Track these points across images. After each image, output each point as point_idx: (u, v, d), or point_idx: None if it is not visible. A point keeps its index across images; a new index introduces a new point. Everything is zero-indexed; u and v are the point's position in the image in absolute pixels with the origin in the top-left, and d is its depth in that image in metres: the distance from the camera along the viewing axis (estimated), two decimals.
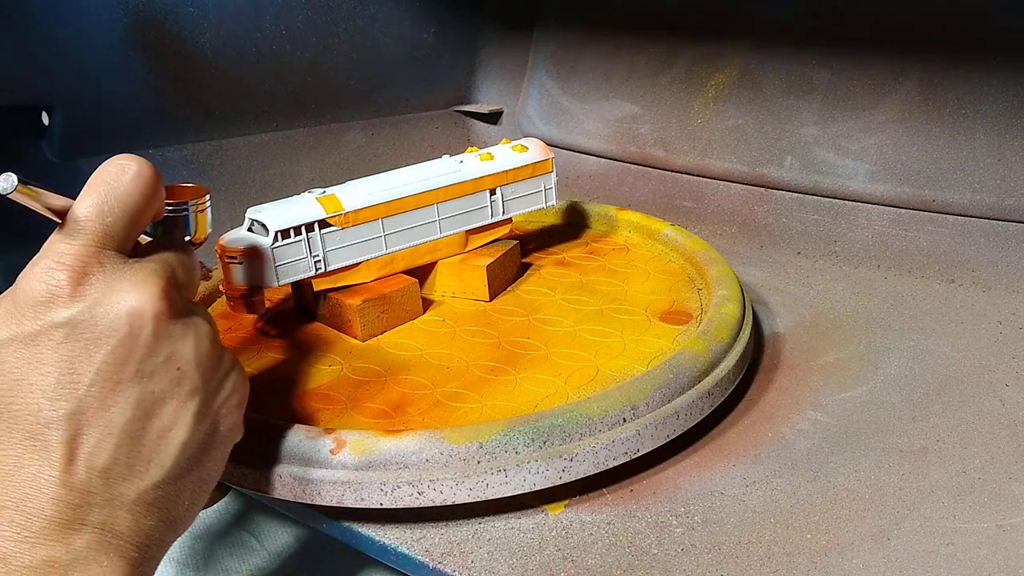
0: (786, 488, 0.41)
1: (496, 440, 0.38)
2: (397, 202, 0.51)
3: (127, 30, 0.65)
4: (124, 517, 0.29)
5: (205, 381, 0.32)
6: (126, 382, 0.29)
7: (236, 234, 0.48)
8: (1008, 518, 0.38)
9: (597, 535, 0.38)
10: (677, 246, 0.61)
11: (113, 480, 0.29)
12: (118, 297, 0.30)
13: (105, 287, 0.29)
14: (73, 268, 0.29)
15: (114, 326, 0.29)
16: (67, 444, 0.28)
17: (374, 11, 0.82)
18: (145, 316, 0.30)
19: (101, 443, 0.29)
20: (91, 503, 0.28)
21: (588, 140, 0.84)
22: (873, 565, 0.36)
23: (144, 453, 0.30)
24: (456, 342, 0.50)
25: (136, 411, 0.30)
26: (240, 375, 0.35)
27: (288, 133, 0.79)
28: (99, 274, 0.30)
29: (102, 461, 0.29)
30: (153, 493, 0.30)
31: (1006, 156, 0.60)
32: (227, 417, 0.34)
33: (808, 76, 0.70)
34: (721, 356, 0.46)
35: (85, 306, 0.29)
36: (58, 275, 0.29)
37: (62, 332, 0.29)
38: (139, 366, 0.30)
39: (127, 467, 0.29)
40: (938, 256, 0.63)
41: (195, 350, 0.32)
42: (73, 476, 0.28)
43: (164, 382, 0.31)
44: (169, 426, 0.31)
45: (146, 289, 0.30)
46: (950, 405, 0.47)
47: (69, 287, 0.29)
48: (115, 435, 0.29)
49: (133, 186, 0.31)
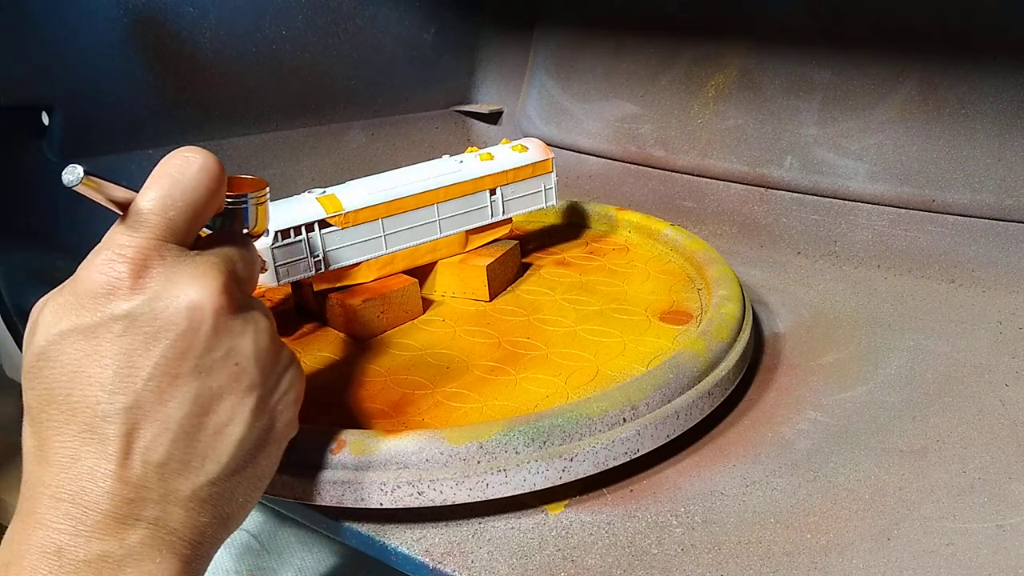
0: (786, 488, 0.41)
1: (496, 440, 0.38)
2: (397, 202, 0.51)
3: (127, 30, 0.65)
4: (178, 513, 0.29)
5: (263, 377, 0.32)
6: (184, 377, 0.29)
7: None
8: (1008, 518, 0.38)
9: (597, 535, 0.38)
10: (677, 246, 0.61)
11: (168, 476, 0.29)
12: (178, 291, 0.29)
13: (166, 280, 0.29)
14: (134, 261, 0.29)
15: (174, 320, 0.29)
16: (124, 438, 0.28)
17: (374, 11, 0.82)
18: (205, 311, 0.29)
19: (158, 438, 0.29)
20: (146, 498, 0.28)
21: (588, 140, 0.84)
22: (873, 565, 0.36)
23: (200, 449, 0.30)
24: (456, 342, 0.50)
25: (194, 406, 0.29)
26: (297, 371, 0.35)
27: (288, 133, 0.79)
28: (160, 267, 0.29)
29: (158, 456, 0.28)
30: (208, 490, 0.30)
31: (1006, 156, 0.60)
32: (284, 413, 0.34)
33: (808, 76, 0.70)
34: (721, 356, 0.46)
35: (145, 299, 0.29)
36: (119, 267, 0.29)
37: (121, 325, 0.28)
38: (198, 361, 0.29)
39: (183, 463, 0.29)
40: (938, 256, 0.63)
41: (254, 346, 0.31)
42: (129, 471, 0.28)
43: (222, 378, 0.30)
44: (226, 422, 0.30)
45: (206, 283, 0.30)
46: (950, 405, 0.47)
47: (130, 279, 0.29)
48: (172, 430, 0.29)
49: (198, 179, 0.31)
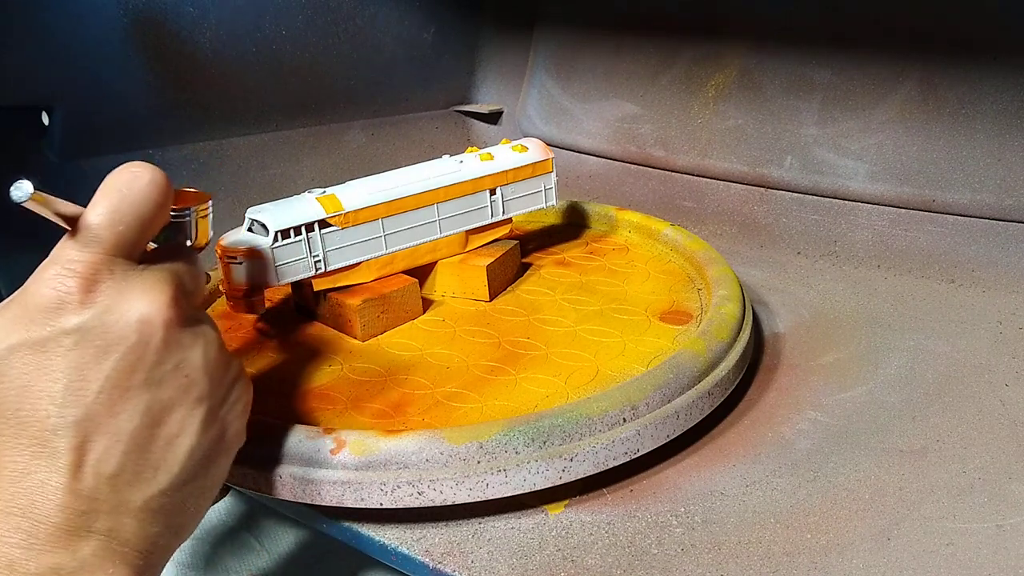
0: (786, 488, 0.41)
1: (496, 440, 0.38)
2: (397, 202, 0.51)
3: (127, 30, 0.65)
4: (130, 524, 0.29)
5: (213, 388, 0.32)
6: (135, 389, 0.29)
7: (236, 234, 0.48)
8: (1008, 518, 0.38)
9: (597, 535, 0.38)
10: (677, 246, 0.61)
11: (120, 487, 0.29)
12: (128, 305, 0.30)
13: (116, 294, 0.29)
14: (83, 275, 0.29)
15: (124, 333, 0.29)
16: (75, 451, 0.28)
17: (374, 11, 0.82)
18: (155, 324, 0.30)
19: (109, 450, 0.29)
20: (98, 510, 0.28)
21: (588, 140, 0.84)
22: (873, 565, 0.36)
23: (152, 460, 0.30)
24: (456, 342, 0.50)
25: (144, 418, 0.30)
26: (245, 381, 0.35)
27: (288, 133, 0.79)
28: (109, 281, 0.30)
29: (110, 468, 0.29)
30: (159, 500, 0.30)
31: (1006, 156, 0.60)
32: (233, 423, 0.34)
33: (808, 76, 0.70)
34: (721, 356, 0.46)
35: (95, 313, 0.29)
36: (68, 282, 0.29)
37: (72, 339, 0.29)
38: (148, 373, 0.30)
39: (135, 474, 0.29)
40: (938, 256, 0.63)
41: (203, 357, 0.32)
42: (80, 483, 0.28)
43: (172, 389, 0.31)
44: (177, 433, 0.31)
45: (156, 297, 0.30)
46: (950, 405, 0.47)
47: (79, 294, 0.29)
48: (123, 442, 0.29)
49: (146, 194, 0.31)
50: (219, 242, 0.47)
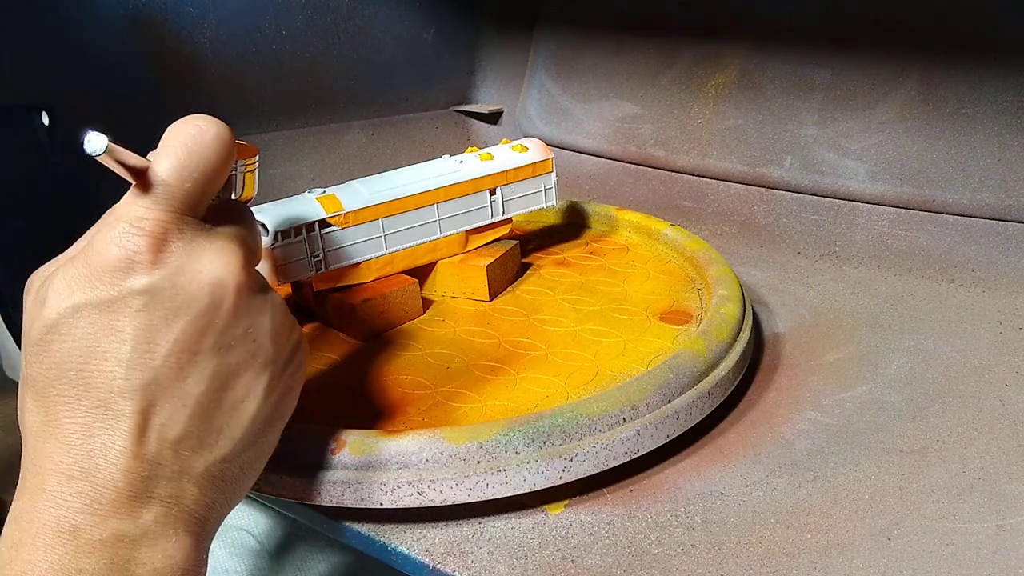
0: (786, 488, 0.41)
1: (496, 440, 0.38)
2: (397, 202, 0.51)
3: (127, 30, 0.65)
4: (191, 490, 0.29)
5: (277, 354, 0.32)
6: (204, 353, 0.29)
7: None
8: (1008, 518, 0.38)
9: (597, 535, 0.38)
10: (677, 246, 0.61)
11: (183, 453, 0.28)
12: (200, 266, 0.29)
13: (186, 255, 0.29)
14: (153, 234, 0.28)
15: (196, 296, 0.29)
16: (140, 415, 0.27)
17: (374, 11, 0.82)
18: (227, 287, 0.29)
19: (175, 415, 0.28)
20: (160, 476, 0.28)
21: (588, 140, 0.84)
22: (873, 565, 0.36)
23: (216, 426, 0.30)
24: (456, 342, 0.50)
25: (212, 383, 0.29)
26: (306, 349, 0.35)
27: (288, 133, 0.79)
28: (179, 241, 0.29)
29: (175, 433, 0.28)
30: (220, 466, 0.30)
31: (1006, 156, 0.60)
32: (292, 390, 0.34)
33: (808, 76, 0.70)
34: (721, 356, 0.46)
35: (166, 274, 0.28)
36: (138, 240, 0.28)
37: (141, 300, 0.28)
38: (218, 338, 0.29)
39: (198, 440, 0.29)
40: (938, 256, 0.63)
41: (271, 323, 0.31)
42: (144, 447, 0.27)
43: (240, 354, 0.30)
44: (242, 399, 0.30)
45: (228, 259, 0.30)
46: (950, 405, 0.47)
47: (149, 254, 0.28)
48: (189, 407, 0.29)
49: (213, 149, 0.30)
50: None
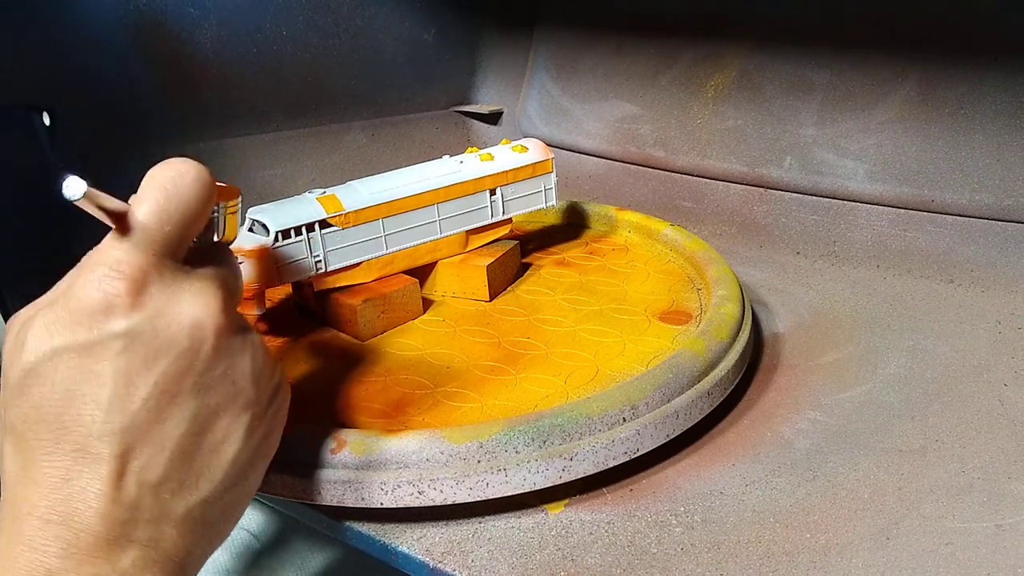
0: (786, 488, 0.41)
1: (496, 440, 0.38)
2: (397, 202, 0.51)
3: (127, 30, 0.65)
4: (171, 534, 0.29)
5: (259, 394, 0.32)
6: (183, 396, 0.29)
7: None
8: (1007, 518, 0.38)
9: (597, 535, 0.38)
10: (677, 246, 0.61)
11: (163, 496, 0.28)
12: (180, 309, 0.29)
13: (166, 298, 0.29)
14: (132, 277, 0.28)
15: (175, 338, 0.28)
16: (118, 458, 0.27)
17: (374, 11, 0.82)
18: (207, 329, 0.29)
19: (154, 458, 0.28)
20: (139, 519, 0.28)
21: (588, 140, 0.84)
22: (873, 565, 0.36)
23: (196, 468, 0.29)
24: (456, 342, 0.50)
25: (191, 426, 0.29)
26: (286, 387, 0.35)
27: (288, 133, 0.79)
28: (159, 284, 0.29)
29: (154, 476, 0.28)
30: (201, 509, 0.30)
31: (1006, 156, 0.60)
32: (273, 431, 0.34)
33: (808, 76, 0.70)
34: (721, 356, 0.46)
35: (145, 317, 0.28)
36: (117, 284, 0.28)
37: (120, 343, 0.28)
38: (198, 379, 0.29)
39: (178, 483, 0.29)
40: (938, 256, 0.63)
41: (251, 364, 0.31)
42: (123, 491, 0.27)
43: (220, 396, 0.30)
44: (222, 440, 0.30)
45: (207, 302, 0.30)
46: (949, 405, 0.47)
47: (128, 297, 0.28)
48: (168, 450, 0.28)
49: (192, 192, 0.30)
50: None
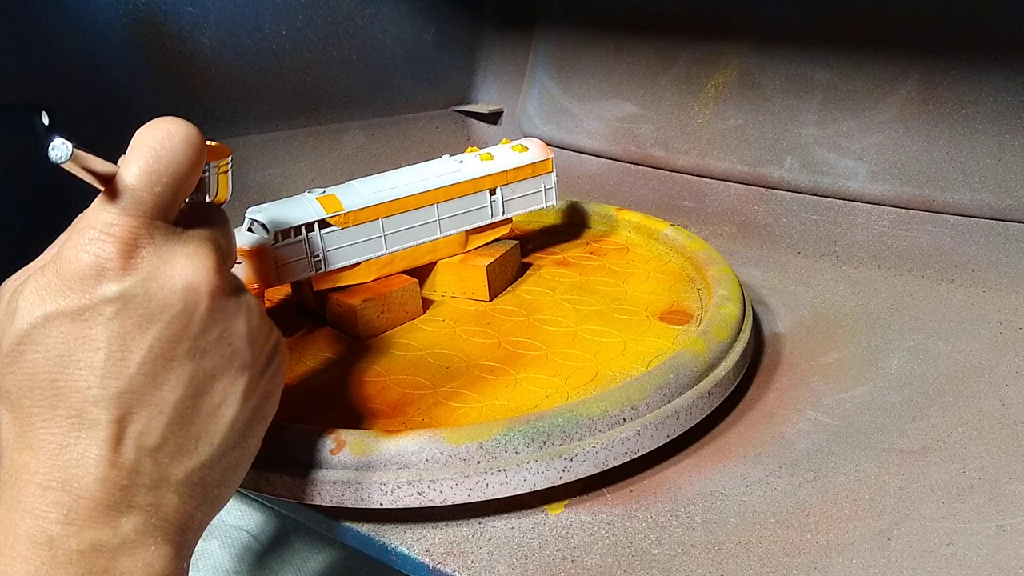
0: (786, 488, 0.41)
1: (496, 440, 0.38)
2: (397, 202, 0.51)
3: (127, 30, 0.65)
4: (171, 498, 0.29)
5: (255, 357, 0.31)
6: (179, 359, 0.28)
7: (236, 234, 0.48)
8: (1008, 518, 0.38)
9: (597, 535, 0.38)
10: (677, 246, 0.61)
11: (162, 460, 0.28)
12: (172, 271, 0.28)
13: (158, 261, 0.28)
14: (123, 240, 0.28)
15: (169, 301, 0.28)
16: (116, 423, 0.27)
17: (374, 11, 0.82)
18: (201, 292, 0.29)
19: (151, 422, 0.28)
20: (139, 484, 0.28)
21: (588, 140, 0.84)
22: (873, 565, 0.36)
23: (194, 432, 0.29)
24: (456, 342, 0.50)
25: (188, 389, 0.29)
26: (283, 349, 0.34)
27: (288, 133, 0.79)
28: (150, 246, 0.28)
29: (152, 440, 0.28)
30: (200, 473, 0.30)
31: (1006, 156, 0.60)
32: (272, 393, 0.33)
33: (808, 76, 0.70)
34: (721, 356, 0.46)
35: (137, 280, 0.28)
36: (107, 247, 0.27)
37: (113, 307, 0.27)
38: (193, 343, 0.29)
39: (177, 446, 0.29)
40: (938, 256, 0.63)
41: (247, 326, 0.31)
42: (122, 456, 0.27)
43: (216, 359, 0.30)
44: (219, 403, 0.30)
45: (201, 263, 0.29)
46: (950, 405, 0.47)
47: (119, 260, 0.27)
48: (166, 414, 0.28)
49: (182, 152, 0.29)
50: None
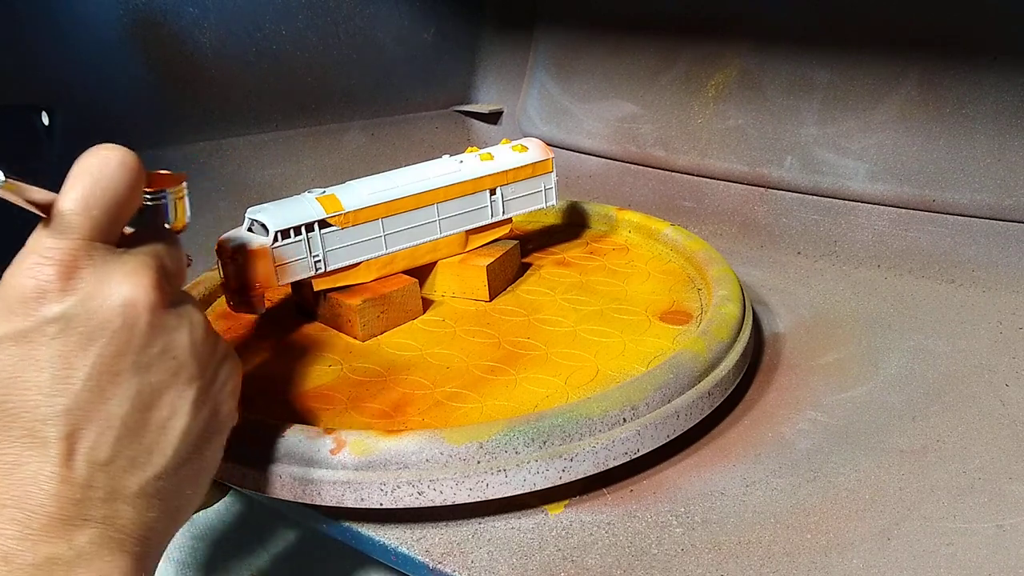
0: (786, 488, 0.41)
1: (496, 440, 0.38)
2: (397, 202, 0.51)
3: (127, 30, 0.65)
4: (127, 511, 0.29)
5: (201, 369, 0.32)
6: (123, 375, 0.29)
7: (236, 234, 0.48)
8: (1008, 518, 0.38)
9: (597, 535, 0.38)
10: (677, 246, 0.61)
11: (115, 474, 0.29)
12: (110, 289, 0.29)
13: (96, 280, 0.29)
14: (62, 262, 0.29)
15: (108, 319, 0.29)
16: (66, 440, 0.28)
17: (374, 11, 0.82)
18: (139, 307, 0.30)
19: (101, 437, 0.29)
20: (93, 498, 0.28)
21: (588, 140, 0.84)
22: (873, 565, 0.36)
23: (145, 444, 0.30)
24: (456, 342, 0.50)
25: (135, 403, 0.29)
26: (234, 361, 0.35)
27: (288, 133, 0.79)
28: (89, 267, 0.29)
29: (103, 455, 0.29)
30: (155, 484, 0.30)
31: (1006, 156, 0.60)
32: (225, 402, 0.34)
33: (808, 76, 0.70)
34: (721, 356, 0.46)
35: (77, 300, 0.29)
36: (47, 270, 0.28)
37: (55, 327, 0.28)
38: (136, 358, 0.30)
39: (129, 460, 0.29)
40: (938, 256, 0.63)
41: (190, 338, 0.32)
42: (73, 472, 0.28)
43: (161, 372, 0.30)
44: (169, 416, 0.31)
45: (138, 280, 0.30)
46: (950, 405, 0.47)
47: (59, 281, 0.28)
48: (115, 428, 0.29)
49: (118, 176, 0.30)
50: (219, 241, 0.47)
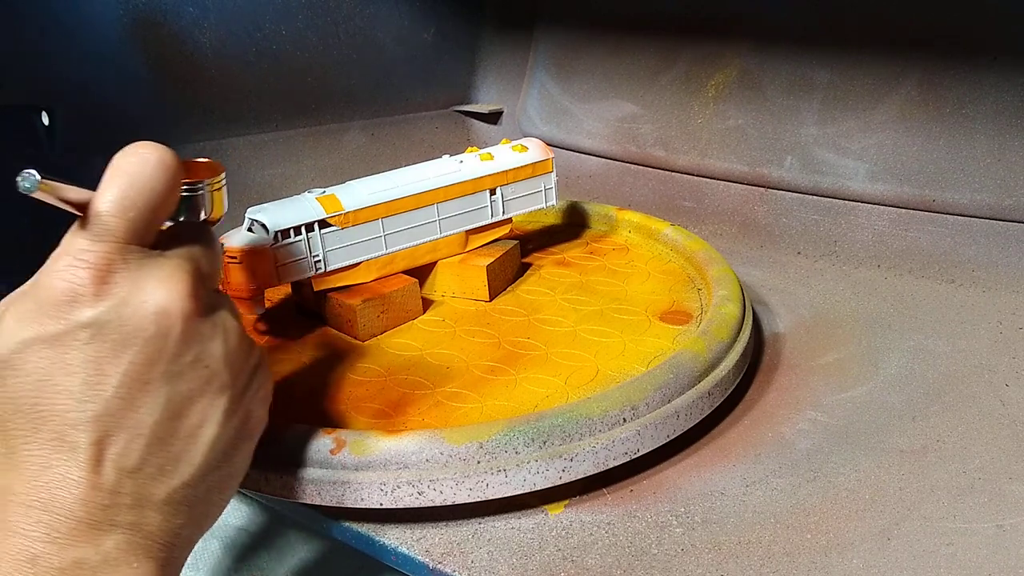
0: (786, 488, 0.41)
1: (496, 440, 0.38)
2: (397, 202, 0.51)
3: (127, 30, 0.65)
4: (154, 517, 0.29)
5: (234, 378, 0.32)
6: (155, 383, 0.29)
7: (236, 234, 0.48)
8: (1008, 518, 0.38)
9: (597, 535, 0.38)
10: (677, 246, 0.61)
11: (143, 480, 0.29)
12: (145, 296, 0.29)
13: (131, 285, 0.29)
14: (96, 266, 0.28)
15: (142, 326, 0.29)
16: (95, 445, 0.28)
17: (374, 11, 0.82)
18: (174, 315, 0.29)
19: (130, 444, 0.28)
20: (120, 504, 0.28)
21: (588, 140, 0.84)
22: (873, 565, 0.36)
23: (174, 452, 0.30)
24: (456, 342, 0.50)
25: (165, 411, 0.29)
26: (266, 368, 0.35)
27: (288, 133, 0.79)
28: (124, 271, 0.29)
29: (131, 462, 0.28)
30: (183, 492, 0.30)
31: (1006, 156, 0.60)
32: (255, 411, 0.34)
33: (808, 76, 0.70)
34: (721, 356, 0.46)
35: (111, 305, 0.28)
36: (80, 273, 0.28)
37: (88, 332, 0.28)
38: (168, 366, 0.29)
39: (157, 467, 0.29)
40: (938, 256, 0.63)
41: (224, 347, 0.31)
42: (102, 477, 0.28)
43: (193, 381, 0.30)
44: (199, 424, 0.30)
45: (173, 287, 0.29)
46: (950, 405, 0.47)
47: (93, 286, 0.28)
48: (144, 436, 0.29)
49: (156, 176, 0.30)
50: (219, 241, 0.47)
